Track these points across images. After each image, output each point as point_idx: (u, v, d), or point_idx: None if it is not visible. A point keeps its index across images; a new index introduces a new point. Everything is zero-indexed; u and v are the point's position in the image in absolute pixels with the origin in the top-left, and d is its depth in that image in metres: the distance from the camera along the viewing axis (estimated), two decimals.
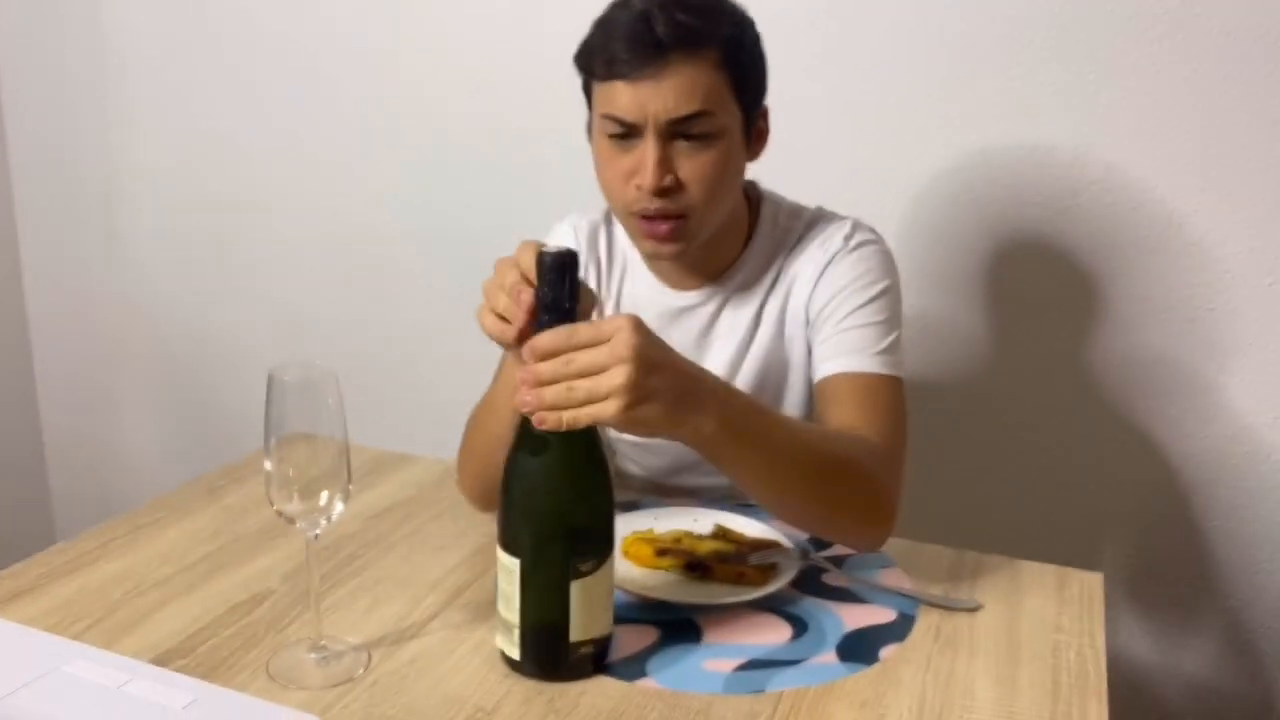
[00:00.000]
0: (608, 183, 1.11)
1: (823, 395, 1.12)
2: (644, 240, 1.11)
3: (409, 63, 1.93)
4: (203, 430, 2.31)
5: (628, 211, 1.10)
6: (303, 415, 0.82)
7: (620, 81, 1.04)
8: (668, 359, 0.83)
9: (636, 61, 1.03)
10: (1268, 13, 1.46)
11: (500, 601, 0.85)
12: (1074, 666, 0.89)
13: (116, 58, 2.16)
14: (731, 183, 1.12)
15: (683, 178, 1.06)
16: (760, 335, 1.20)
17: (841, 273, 1.15)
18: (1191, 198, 1.55)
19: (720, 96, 1.06)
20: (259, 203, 2.13)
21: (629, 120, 1.05)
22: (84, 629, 0.92)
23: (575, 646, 0.84)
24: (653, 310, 1.20)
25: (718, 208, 1.11)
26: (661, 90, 1.03)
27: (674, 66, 1.03)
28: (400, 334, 2.08)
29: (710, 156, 1.07)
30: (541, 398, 0.79)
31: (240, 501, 1.18)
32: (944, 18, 1.59)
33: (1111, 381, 1.66)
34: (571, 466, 0.83)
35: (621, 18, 1.05)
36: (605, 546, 0.85)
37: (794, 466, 0.94)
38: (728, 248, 1.19)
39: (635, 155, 1.06)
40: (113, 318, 2.34)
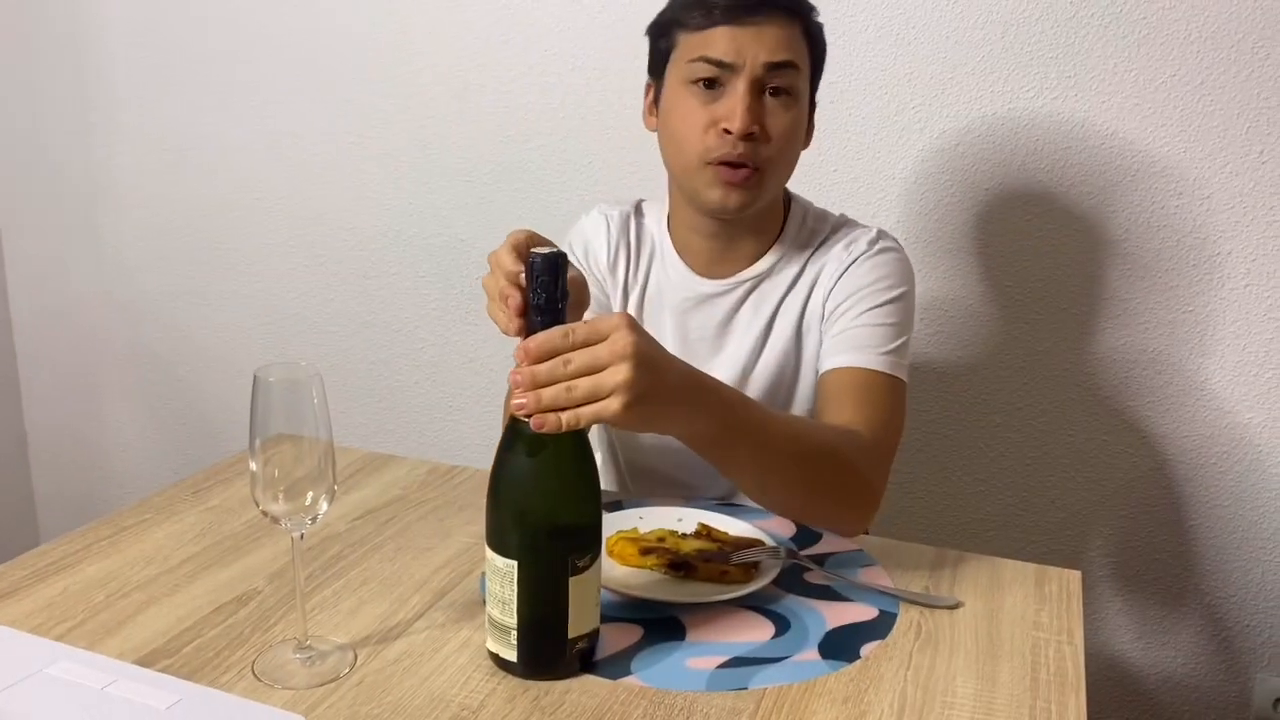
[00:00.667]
0: (684, 135, 1.14)
1: (825, 387, 1.16)
2: (714, 188, 1.15)
3: (392, 64, 1.94)
4: (187, 431, 2.31)
5: (704, 161, 1.13)
6: (287, 415, 0.82)
7: (722, 26, 1.11)
8: (664, 356, 0.85)
9: (740, 9, 1.10)
10: (1242, 19, 1.48)
11: (493, 605, 0.85)
12: (1053, 663, 0.90)
13: (98, 57, 2.15)
14: (796, 152, 1.19)
15: (768, 128, 1.12)
16: (778, 329, 1.23)
17: (862, 274, 1.19)
18: (1169, 200, 1.57)
19: (803, 61, 1.15)
20: (242, 203, 2.13)
21: (727, 60, 1.10)
22: (67, 630, 0.92)
23: (572, 643, 0.85)
24: (679, 295, 1.25)
25: (784, 171, 1.18)
26: (762, 36, 1.10)
27: (774, 21, 1.11)
28: (383, 336, 2.08)
29: (791, 115, 1.14)
30: (539, 399, 0.79)
31: (225, 502, 1.18)
32: (928, 20, 1.61)
33: (1091, 381, 1.67)
34: (566, 463, 0.84)
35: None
36: (598, 541, 0.86)
37: (782, 457, 0.97)
38: (759, 240, 1.23)
39: (723, 104, 1.12)
40: (96, 318, 2.33)
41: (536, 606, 0.83)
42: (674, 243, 1.27)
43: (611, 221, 1.30)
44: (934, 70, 1.62)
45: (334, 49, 1.97)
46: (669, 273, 1.27)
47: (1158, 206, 1.58)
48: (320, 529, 1.11)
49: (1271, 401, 1.60)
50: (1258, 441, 1.62)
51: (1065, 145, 1.59)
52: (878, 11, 1.62)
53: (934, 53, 1.62)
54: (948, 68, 1.62)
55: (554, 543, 0.83)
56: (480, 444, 2.06)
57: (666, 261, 1.27)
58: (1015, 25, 1.57)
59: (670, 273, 1.27)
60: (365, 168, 2.01)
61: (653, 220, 1.30)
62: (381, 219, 2.03)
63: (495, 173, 1.92)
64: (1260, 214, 1.54)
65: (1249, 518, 1.66)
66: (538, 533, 0.83)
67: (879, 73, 1.64)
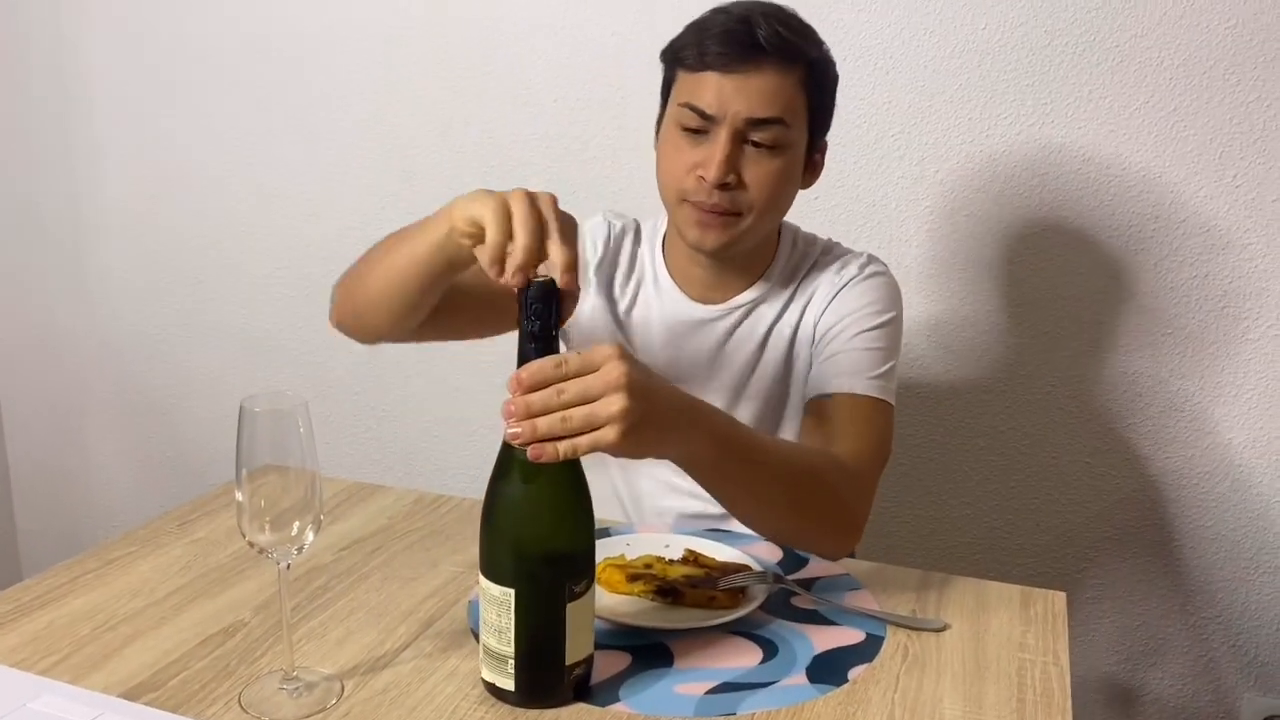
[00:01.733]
0: (669, 171, 1.16)
1: (815, 412, 1.18)
2: (691, 227, 1.16)
3: (376, 98, 1.95)
4: (171, 465, 2.30)
5: (681, 199, 1.15)
6: (273, 446, 0.82)
7: (712, 72, 1.10)
8: (656, 383, 0.86)
9: (732, 56, 1.09)
10: (1213, 46, 1.51)
11: (488, 634, 0.84)
12: (1039, 684, 0.91)
13: (82, 93, 2.16)
14: (785, 199, 1.18)
15: (745, 178, 1.12)
16: (770, 353, 1.24)
17: (853, 298, 1.21)
18: (1146, 224, 1.60)
19: (796, 113, 1.13)
20: (226, 236, 2.13)
21: (709, 111, 1.10)
22: (53, 665, 0.91)
23: (569, 670, 0.85)
24: (673, 319, 1.26)
25: (768, 217, 1.17)
26: (748, 88, 1.09)
27: (765, 71, 1.10)
28: (368, 367, 2.08)
29: (774, 165, 1.13)
30: (535, 428, 0.80)
31: (211, 534, 1.18)
32: (906, 50, 1.63)
33: (1073, 404, 1.69)
34: (560, 490, 0.84)
35: (719, 19, 1.12)
36: (592, 566, 0.86)
37: (771, 480, 0.99)
38: (755, 264, 1.25)
39: (703, 149, 1.12)
40: (80, 351, 2.32)
41: (534, 634, 0.83)
42: (669, 267, 1.28)
43: (612, 230, 1.31)
44: (912, 99, 1.65)
45: (317, 86, 1.99)
46: (662, 297, 1.28)
47: (1134, 230, 1.60)
48: (307, 559, 1.11)
49: (1251, 422, 1.62)
50: (1239, 462, 1.64)
51: (1042, 171, 1.61)
52: (856, 41, 1.64)
53: (912, 81, 1.64)
54: (925, 96, 1.64)
55: (550, 569, 0.83)
56: (466, 473, 2.05)
57: (660, 286, 1.28)
58: (991, 54, 1.60)
59: (664, 297, 1.28)
60: (349, 200, 2.02)
61: (648, 245, 1.31)
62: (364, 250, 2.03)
63: None
64: (1235, 237, 1.57)
65: (1232, 538, 1.67)
66: (534, 560, 0.83)
67: (859, 101, 1.66)
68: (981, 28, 1.59)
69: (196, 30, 2.04)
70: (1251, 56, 1.50)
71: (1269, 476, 1.63)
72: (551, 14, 1.80)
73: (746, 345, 1.25)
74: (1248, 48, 1.50)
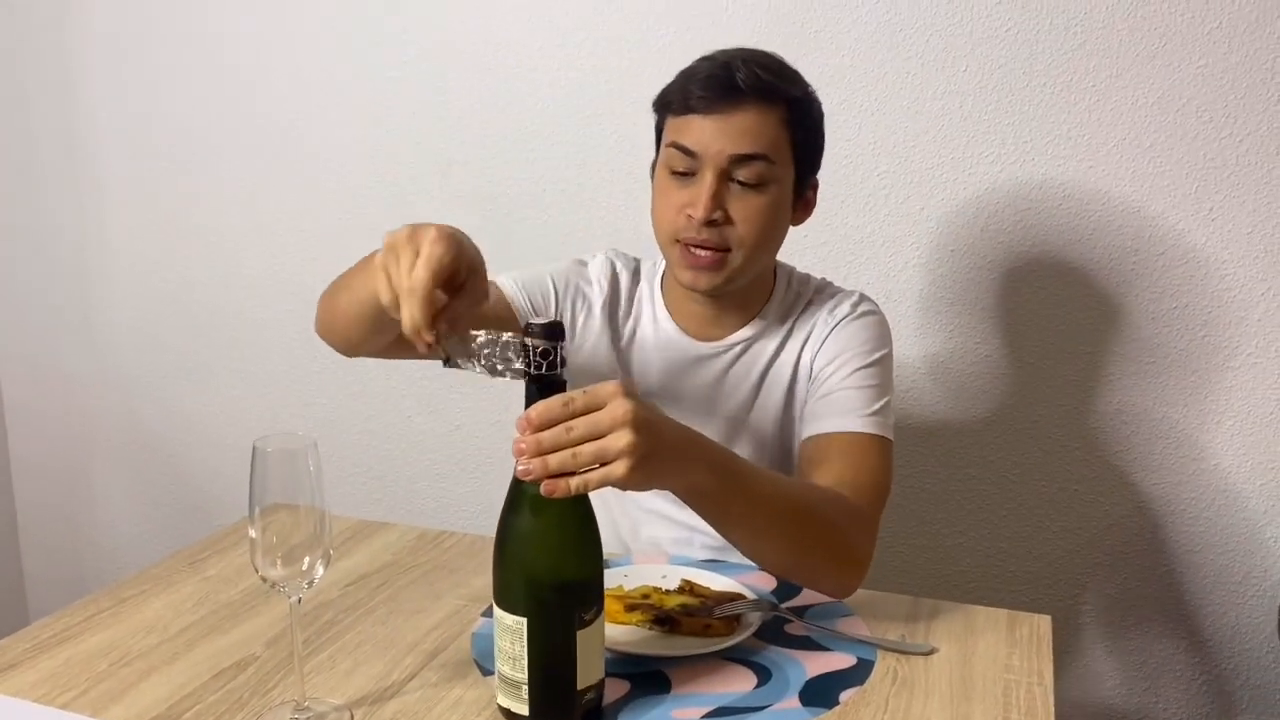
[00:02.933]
0: (661, 212, 1.21)
1: (813, 451, 1.20)
2: (684, 269, 1.20)
3: (375, 141, 2.00)
4: (178, 508, 2.33)
5: (673, 239, 1.19)
6: (284, 484, 0.86)
7: (694, 115, 1.16)
8: (660, 417, 0.90)
9: (713, 99, 1.15)
10: (1185, 84, 1.56)
11: (503, 662, 0.87)
12: (1023, 704, 0.94)
13: (88, 137, 2.21)
14: (775, 235, 1.22)
15: (732, 215, 1.17)
16: (767, 389, 1.28)
17: (846, 337, 1.25)
18: (1126, 258, 1.64)
19: (779, 150, 1.17)
20: (231, 281, 2.18)
21: (694, 150, 1.15)
22: (71, 700, 0.94)
23: (581, 694, 0.88)
24: (671, 355, 1.30)
25: (758, 253, 1.20)
26: (730, 128, 1.15)
27: (745, 110, 1.15)
28: (371, 407, 2.12)
29: (760, 201, 1.17)
30: (546, 465, 0.83)
31: (222, 572, 1.21)
32: (889, 93, 1.68)
33: (1061, 432, 1.72)
34: (569, 521, 0.88)
35: (704, 66, 1.18)
36: (601, 594, 0.89)
37: (774, 516, 1.02)
38: (752, 303, 1.29)
39: (691, 190, 1.17)
40: (87, 395, 2.36)
41: (547, 661, 0.86)
42: (668, 304, 1.32)
43: (616, 270, 1.35)
44: (896, 140, 1.70)
45: (319, 134, 2.04)
46: (659, 334, 1.31)
47: (1116, 263, 1.65)
48: (314, 595, 1.14)
49: (1236, 447, 1.65)
50: (1224, 486, 1.67)
51: (1024, 208, 1.66)
52: (841, 86, 1.70)
53: (897, 123, 1.69)
54: (909, 137, 1.69)
55: (561, 598, 0.86)
56: (468, 510, 2.09)
57: (659, 323, 1.31)
58: (972, 95, 1.65)
59: (661, 334, 1.31)
60: (350, 242, 2.04)
61: (646, 282, 1.35)
62: None
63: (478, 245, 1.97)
64: (1213, 268, 1.61)
65: (1219, 562, 1.70)
66: (545, 589, 0.87)
67: (845, 143, 1.71)
68: (962, 69, 1.64)
69: (203, 74, 2.10)
70: (1222, 94, 1.56)
71: (1255, 499, 1.66)
72: (550, 55, 1.86)
73: (744, 382, 1.28)
74: (1219, 86, 1.56)
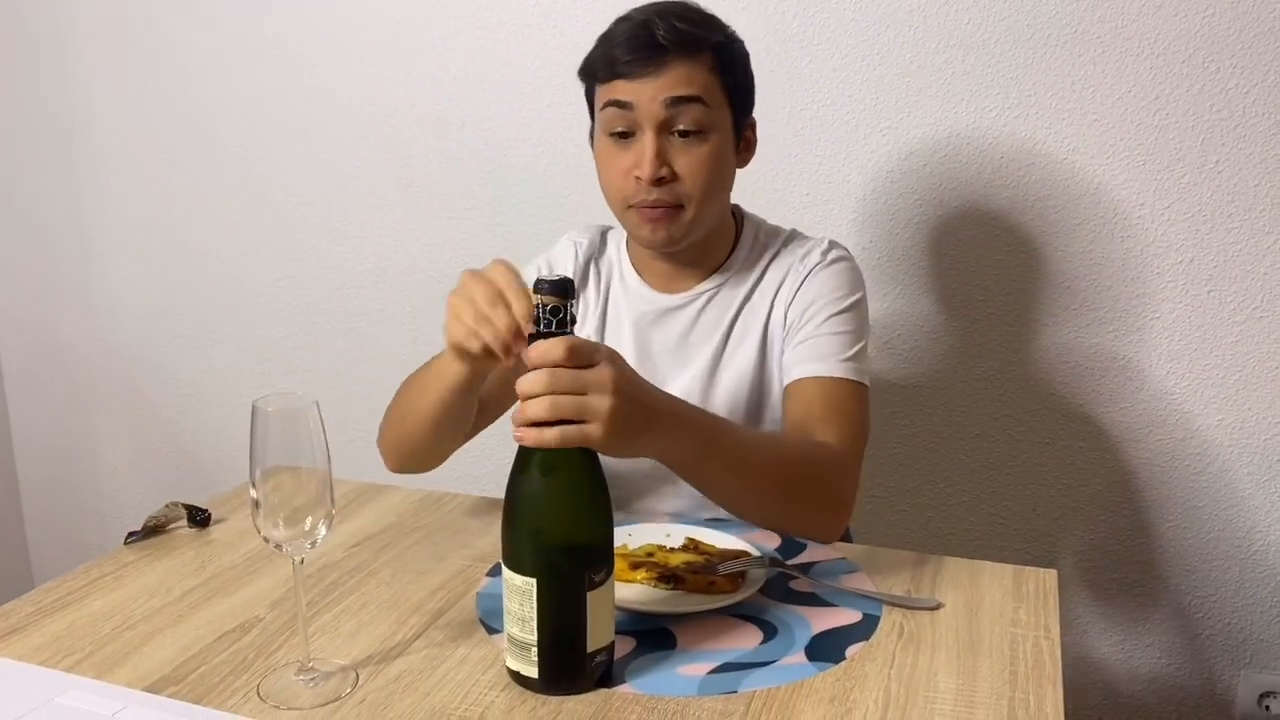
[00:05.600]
0: (609, 180, 1.21)
1: (791, 396, 1.21)
2: (641, 228, 1.20)
3: (371, 107, 1.98)
4: (179, 474, 2.33)
5: (626, 205, 1.19)
6: (286, 444, 0.86)
7: (622, 80, 1.15)
8: (643, 386, 0.91)
9: (637, 61, 1.14)
10: (1191, 35, 1.54)
11: (512, 623, 0.87)
12: (1030, 657, 0.94)
13: (84, 105, 2.19)
14: (722, 181, 1.22)
15: (678, 170, 1.16)
16: (737, 337, 1.28)
17: (819, 284, 1.24)
18: (1132, 211, 1.63)
19: (713, 94, 1.16)
20: (229, 247, 2.16)
21: (629, 102, 1.15)
22: (75, 663, 0.94)
23: (591, 656, 0.88)
24: (639, 310, 1.30)
25: (710, 203, 1.20)
26: (660, 82, 1.14)
27: (672, 65, 1.14)
28: (371, 372, 2.11)
29: (703, 151, 1.17)
30: (524, 412, 0.84)
31: (224, 535, 1.21)
32: (892, 45, 1.66)
33: (1065, 389, 1.72)
34: (579, 481, 0.88)
35: (623, 28, 1.17)
36: (611, 556, 0.89)
37: (754, 472, 1.03)
38: (714, 255, 1.29)
39: (634, 151, 1.16)
40: (86, 365, 2.35)
41: (556, 622, 0.86)
42: (634, 263, 1.32)
43: (579, 249, 1.36)
44: (898, 94, 1.68)
45: (315, 97, 2.02)
46: (628, 292, 1.32)
47: (1121, 217, 1.63)
48: (318, 557, 1.14)
49: (1239, 404, 1.65)
50: (1228, 443, 1.67)
51: (1029, 162, 1.65)
52: (844, 39, 1.68)
53: (899, 77, 1.67)
54: (913, 90, 1.67)
55: (570, 559, 0.86)
56: (469, 476, 2.07)
57: (626, 281, 1.32)
58: (976, 48, 1.63)
59: (629, 291, 1.32)
60: (348, 209, 2.05)
61: (613, 245, 1.36)
62: (367, 259, 2.07)
63: (477, 209, 1.96)
64: (1219, 221, 1.60)
65: (1224, 517, 1.70)
66: (554, 550, 0.86)
67: (846, 98, 1.69)
68: (965, 23, 1.62)
69: (196, 41, 2.07)
70: (1229, 45, 1.53)
71: (1260, 454, 1.66)
72: (544, 16, 1.83)
73: (715, 331, 1.28)
74: (1225, 36, 1.53)
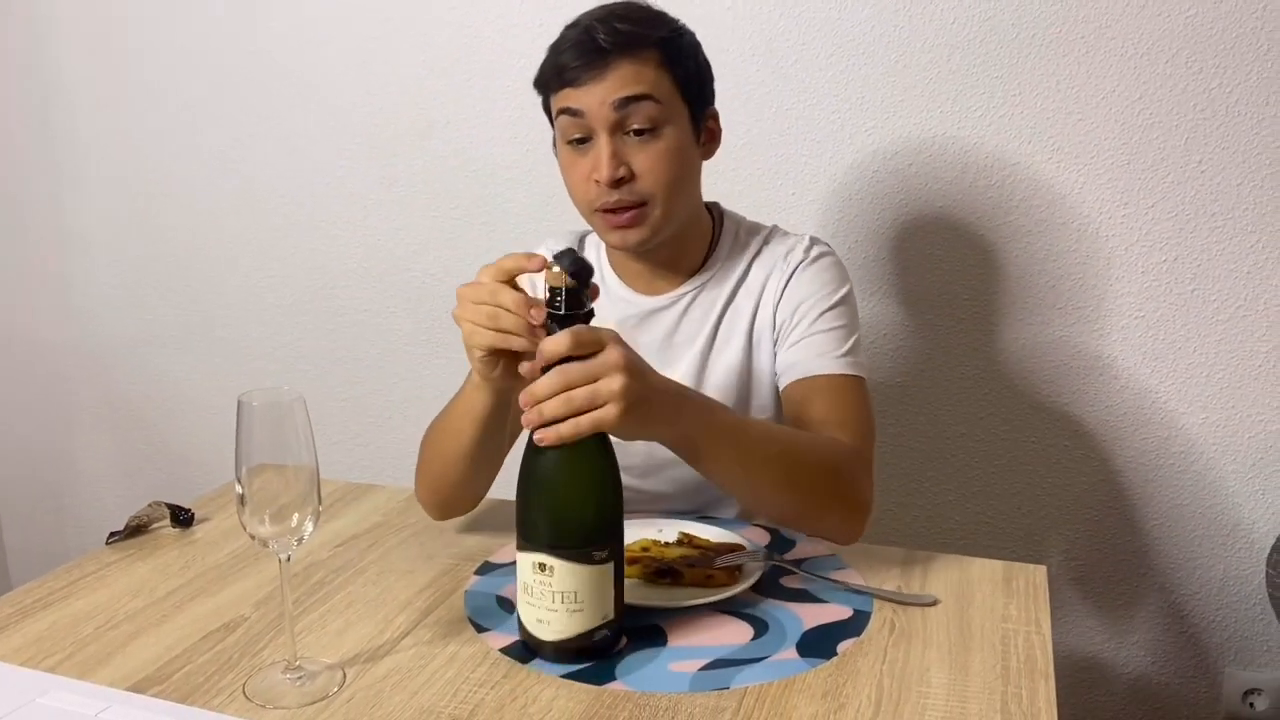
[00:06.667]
0: (573, 187, 1.20)
1: (793, 398, 1.20)
2: (609, 233, 1.20)
3: (358, 106, 1.97)
4: (160, 476, 2.31)
5: (591, 210, 1.18)
6: (272, 440, 0.85)
7: (569, 88, 1.14)
8: (651, 369, 0.92)
9: (582, 67, 1.13)
10: (1174, 35, 1.55)
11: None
12: (1022, 652, 0.94)
13: (62, 99, 2.17)
14: (686, 175, 1.20)
15: (635, 169, 1.15)
16: (723, 337, 1.27)
17: (805, 282, 1.24)
18: (1116, 210, 1.63)
19: (662, 89, 1.15)
20: (209, 246, 2.14)
21: (579, 109, 1.14)
22: (57, 663, 0.93)
23: (591, 633, 0.90)
24: (623, 313, 1.28)
25: (675, 198, 1.19)
26: (606, 85, 1.13)
27: (617, 68, 1.13)
28: (355, 373, 2.10)
29: (659, 146, 1.16)
30: (541, 414, 0.86)
31: (207, 535, 1.20)
32: (878, 45, 1.67)
33: (1050, 388, 1.72)
34: (584, 460, 0.89)
35: (569, 35, 1.16)
36: (615, 536, 0.90)
37: (768, 461, 1.02)
38: (693, 254, 1.28)
39: (591, 156, 1.15)
40: (63, 363, 2.33)
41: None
42: (614, 267, 1.31)
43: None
44: (884, 94, 1.68)
45: (298, 95, 2.00)
46: (610, 295, 1.30)
47: (1105, 216, 1.64)
48: (303, 556, 1.13)
49: (1222, 402, 1.66)
50: (1212, 440, 1.67)
51: (1013, 161, 1.65)
52: (829, 39, 1.68)
53: (884, 76, 1.67)
54: (898, 90, 1.67)
55: (570, 535, 0.88)
56: None
57: (607, 285, 1.30)
58: (961, 48, 1.63)
59: (611, 295, 1.30)
60: (332, 207, 2.03)
61: (592, 250, 1.34)
62: (350, 258, 2.05)
63: (462, 208, 1.95)
64: (1203, 220, 1.60)
65: (1208, 515, 1.70)
66: (555, 523, 0.89)
67: (832, 98, 1.69)
68: (950, 22, 1.62)
69: (178, 35, 2.05)
70: (1212, 45, 1.54)
71: (1242, 452, 1.67)
72: (528, 15, 1.83)
73: (699, 332, 1.27)
74: (1208, 36, 1.54)
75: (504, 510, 1.25)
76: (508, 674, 0.90)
